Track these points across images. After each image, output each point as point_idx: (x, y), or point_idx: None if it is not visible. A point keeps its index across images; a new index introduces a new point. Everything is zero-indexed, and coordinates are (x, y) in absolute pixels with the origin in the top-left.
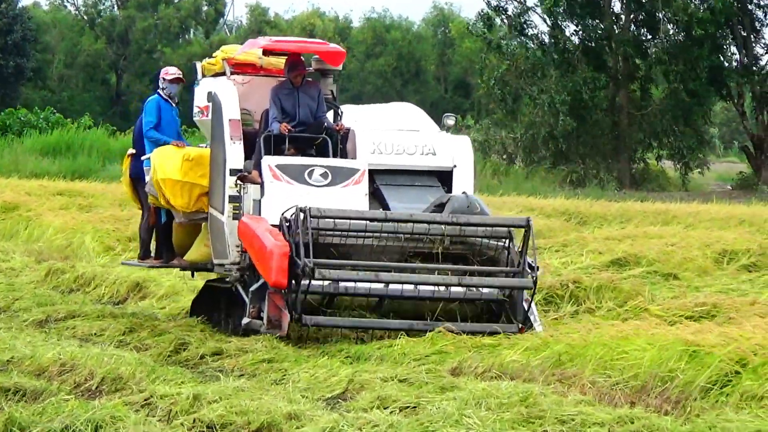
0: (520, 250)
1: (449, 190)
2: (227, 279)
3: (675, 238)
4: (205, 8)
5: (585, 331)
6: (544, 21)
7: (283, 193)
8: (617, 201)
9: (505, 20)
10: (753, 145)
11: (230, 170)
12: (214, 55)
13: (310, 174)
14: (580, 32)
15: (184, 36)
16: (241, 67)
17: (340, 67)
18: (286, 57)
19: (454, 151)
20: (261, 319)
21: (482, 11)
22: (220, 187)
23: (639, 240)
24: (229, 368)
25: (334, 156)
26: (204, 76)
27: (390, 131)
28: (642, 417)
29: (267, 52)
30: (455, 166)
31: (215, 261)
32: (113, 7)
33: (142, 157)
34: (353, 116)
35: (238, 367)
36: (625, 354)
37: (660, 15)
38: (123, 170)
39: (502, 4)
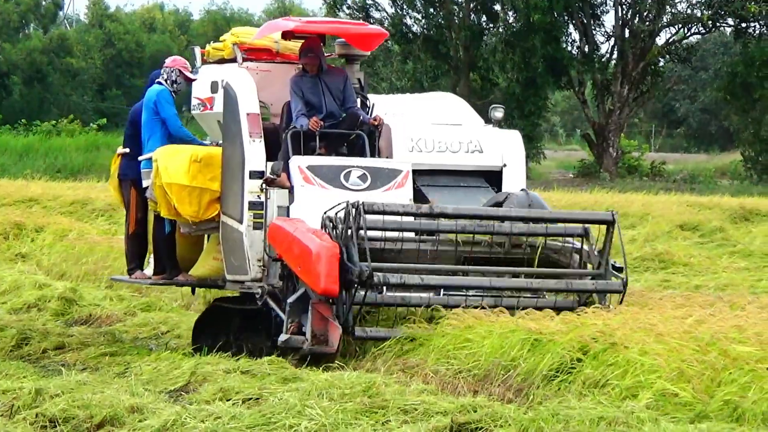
0: (599, 250)
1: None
2: (256, 294)
3: None
4: (44, 2)
5: (427, 320)
6: (384, 11)
7: (317, 198)
8: None
9: (347, 8)
10: (594, 132)
11: (250, 172)
12: (221, 39)
13: (347, 176)
14: (422, 20)
15: (24, 31)
16: (254, 53)
17: (368, 53)
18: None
19: (504, 147)
20: (302, 334)
21: None
22: (237, 192)
23: None
24: (71, 362)
25: (371, 155)
26: (205, 62)
27: (429, 125)
28: (485, 405)
29: (289, 34)
30: (505, 165)
31: (229, 277)
32: None
33: (140, 157)
34: (385, 108)
35: (81, 360)
36: (467, 343)
37: (498, 4)
38: (111, 171)
39: None
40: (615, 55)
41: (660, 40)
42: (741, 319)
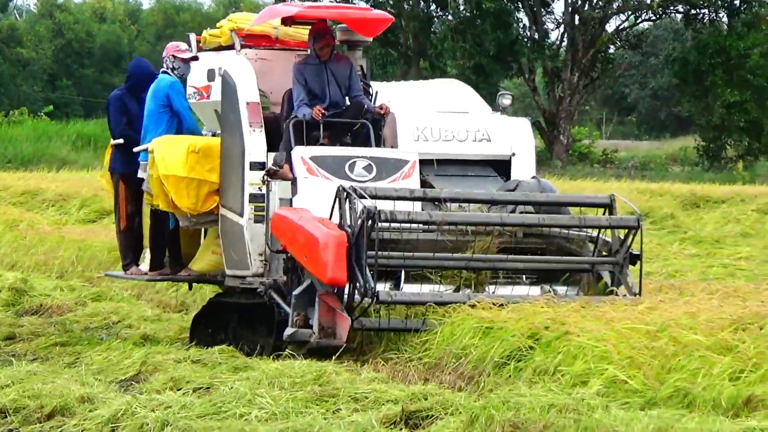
0: (621, 237)
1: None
2: (258, 289)
3: None
4: None
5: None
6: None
7: (321, 190)
8: None
9: None
10: (545, 120)
11: (251, 163)
12: (218, 25)
13: (352, 167)
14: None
15: None
16: (253, 40)
17: (370, 39)
18: (309, 27)
19: (512, 136)
20: (309, 327)
21: None
22: (237, 183)
23: None
24: (21, 352)
25: (376, 144)
26: (201, 49)
27: (435, 114)
28: (436, 393)
29: (289, 20)
30: (514, 153)
31: (229, 272)
32: None
33: (136, 149)
34: (388, 96)
35: (31, 351)
36: (418, 330)
37: None
38: (105, 163)
39: None
40: (565, 42)
41: (610, 27)
42: (691, 305)
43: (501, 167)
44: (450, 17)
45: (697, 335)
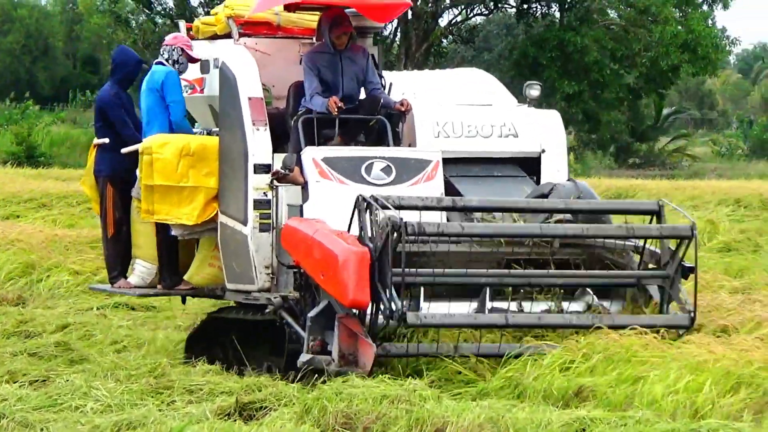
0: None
1: (537, 182)
2: (268, 308)
3: None
4: None
5: (211, 301)
6: None
7: (335, 195)
8: None
9: None
10: None
11: (255, 166)
12: (213, 12)
13: (369, 169)
14: (205, 6)
15: None
16: (252, 27)
17: (382, 25)
18: (314, 12)
19: (542, 131)
20: (327, 353)
21: None
22: (239, 188)
23: None
24: None
25: (393, 143)
26: (193, 38)
27: (456, 107)
28: (269, 385)
29: (293, 6)
30: (543, 150)
31: (230, 286)
32: None
33: (124, 150)
34: (403, 87)
35: None
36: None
37: None
38: (87, 166)
39: None
40: (398, 36)
41: (443, 21)
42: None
43: (529, 166)
44: None
45: None
